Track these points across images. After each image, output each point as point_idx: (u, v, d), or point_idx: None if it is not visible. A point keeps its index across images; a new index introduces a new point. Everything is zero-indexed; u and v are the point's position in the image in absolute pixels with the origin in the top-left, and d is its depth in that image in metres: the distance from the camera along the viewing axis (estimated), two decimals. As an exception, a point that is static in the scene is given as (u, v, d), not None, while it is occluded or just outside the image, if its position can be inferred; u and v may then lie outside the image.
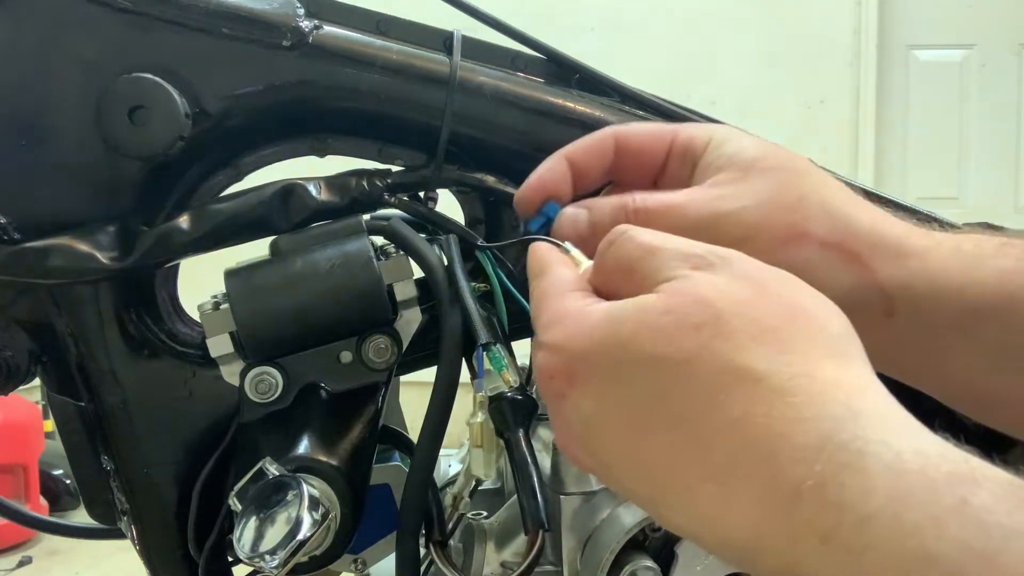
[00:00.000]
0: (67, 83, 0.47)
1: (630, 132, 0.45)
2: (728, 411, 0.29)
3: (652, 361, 0.31)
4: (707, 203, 0.42)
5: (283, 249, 0.49)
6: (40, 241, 0.46)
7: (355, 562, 0.62)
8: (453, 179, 0.51)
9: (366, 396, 0.50)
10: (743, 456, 0.29)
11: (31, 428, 2.93)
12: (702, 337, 0.30)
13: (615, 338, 0.32)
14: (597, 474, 0.36)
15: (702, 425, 0.30)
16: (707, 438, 0.30)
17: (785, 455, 0.28)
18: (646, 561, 0.52)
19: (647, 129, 0.45)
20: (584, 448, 0.34)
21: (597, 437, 0.33)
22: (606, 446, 0.33)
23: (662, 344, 0.31)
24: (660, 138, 0.45)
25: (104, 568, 2.68)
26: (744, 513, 0.29)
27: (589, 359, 0.33)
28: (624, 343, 0.32)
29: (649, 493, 0.32)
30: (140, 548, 0.54)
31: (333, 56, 0.48)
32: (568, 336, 0.34)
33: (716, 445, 0.29)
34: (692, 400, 0.30)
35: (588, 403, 0.33)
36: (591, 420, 0.33)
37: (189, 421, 0.51)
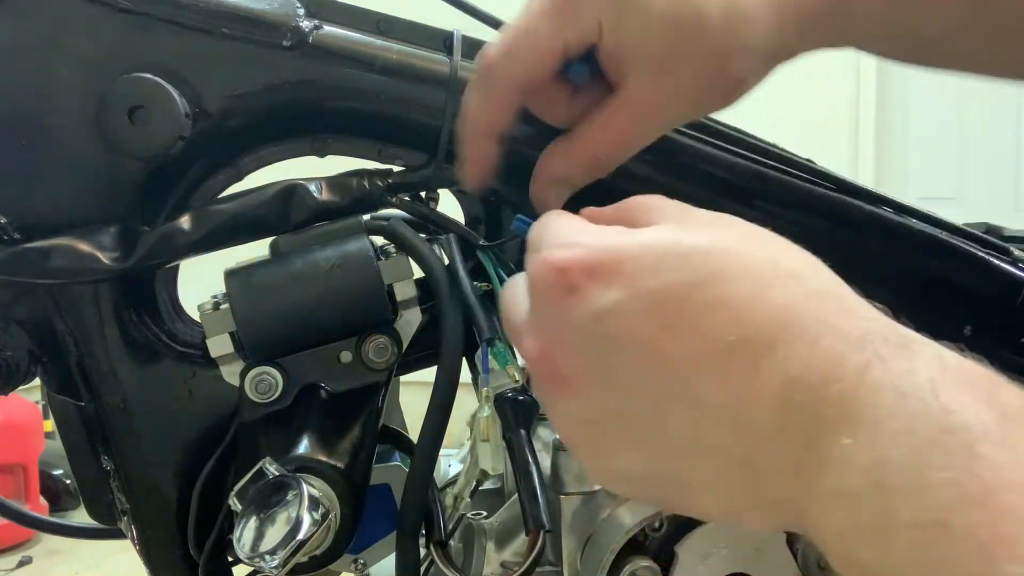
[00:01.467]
0: (67, 83, 0.47)
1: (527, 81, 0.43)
2: (771, 299, 0.29)
3: (699, 253, 0.30)
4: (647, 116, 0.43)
5: (283, 249, 0.49)
6: (41, 241, 0.46)
7: (355, 562, 0.62)
8: (453, 179, 0.51)
9: (366, 396, 0.50)
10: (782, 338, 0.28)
11: (31, 428, 2.93)
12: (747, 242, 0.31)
13: (659, 237, 0.31)
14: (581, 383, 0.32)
15: (742, 311, 0.29)
16: (744, 323, 0.29)
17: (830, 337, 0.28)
18: (646, 561, 0.52)
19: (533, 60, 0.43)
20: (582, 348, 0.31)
21: (608, 331, 0.30)
22: (619, 340, 0.30)
23: (710, 241, 0.31)
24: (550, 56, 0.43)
25: (104, 568, 2.68)
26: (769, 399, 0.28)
27: (626, 251, 0.31)
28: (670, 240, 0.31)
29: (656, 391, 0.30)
30: (140, 548, 0.54)
31: (333, 56, 0.48)
32: (596, 235, 0.32)
33: (752, 329, 0.29)
34: (734, 287, 0.29)
35: (610, 294, 0.30)
36: (606, 313, 0.30)
37: (189, 421, 0.51)
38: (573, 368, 0.32)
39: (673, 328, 0.30)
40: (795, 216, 0.52)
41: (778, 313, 0.29)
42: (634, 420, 0.31)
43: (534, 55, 0.42)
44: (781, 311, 0.29)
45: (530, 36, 0.42)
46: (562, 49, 0.42)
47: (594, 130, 0.43)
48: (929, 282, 0.54)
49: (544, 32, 0.41)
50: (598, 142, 0.43)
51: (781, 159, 0.52)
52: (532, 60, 0.42)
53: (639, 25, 0.40)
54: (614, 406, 0.31)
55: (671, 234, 0.31)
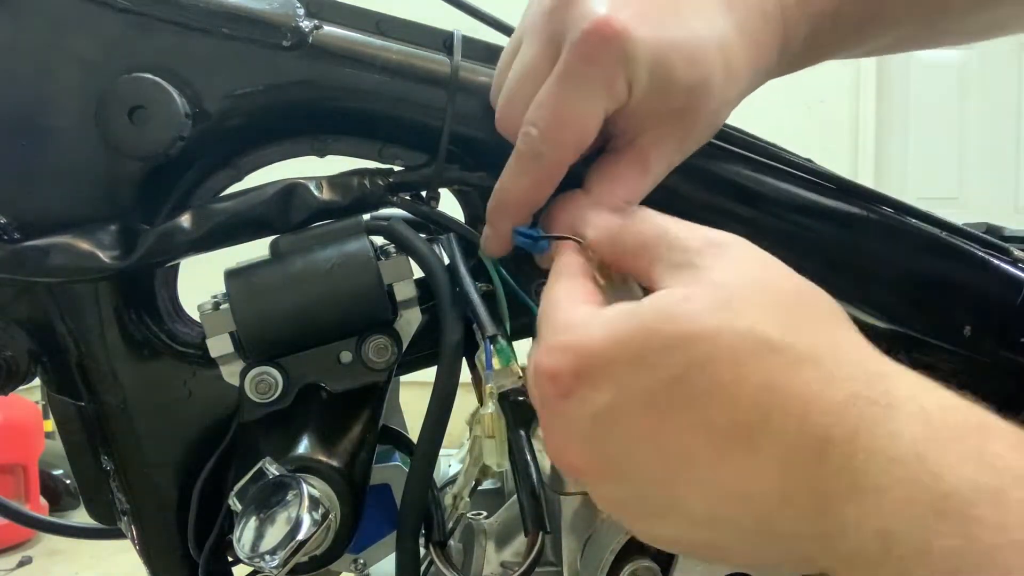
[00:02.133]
0: (67, 83, 0.47)
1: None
2: (752, 380, 0.31)
3: (674, 342, 0.32)
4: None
5: (283, 249, 0.49)
6: (41, 240, 0.46)
7: (355, 562, 0.62)
8: (454, 179, 0.51)
9: (366, 396, 0.50)
10: (768, 419, 0.30)
11: (31, 428, 2.93)
12: (722, 315, 0.32)
13: (636, 329, 0.33)
14: (600, 474, 0.35)
15: (727, 396, 0.31)
16: (732, 407, 0.31)
17: (815, 412, 0.30)
18: (646, 561, 0.52)
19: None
20: (588, 446, 0.34)
21: (611, 428, 0.33)
22: (622, 435, 0.33)
23: (684, 325, 0.32)
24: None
25: (104, 568, 2.68)
26: (770, 475, 0.30)
27: (606, 353, 0.33)
28: (646, 331, 0.32)
29: (666, 482, 0.33)
30: (140, 548, 0.54)
31: (333, 56, 0.48)
32: (580, 336, 0.34)
33: (741, 412, 0.31)
34: (715, 375, 0.31)
35: (601, 395, 0.33)
36: (605, 412, 0.33)
37: (189, 421, 0.51)
38: (586, 462, 0.35)
39: (666, 422, 0.32)
40: (795, 217, 0.52)
41: (761, 396, 0.31)
42: (653, 501, 0.34)
43: (583, 134, 0.42)
44: (764, 393, 0.31)
45: (577, 114, 0.41)
46: (603, 119, 0.42)
47: (611, 185, 0.44)
48: (929, 282, 0.54)
49: (592, 112, 0.41)
50: (614, 195, 0.43)
51: (781, 159, 0.52)
52: (581, 140, 0.42)
53: (662, 88, 0.41)
54: (632, 491, 0.34)
55: (655, 320, 0.33)
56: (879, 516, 0.28)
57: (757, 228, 0.52)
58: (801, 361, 0.31)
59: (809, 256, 0.53)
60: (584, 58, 0.40)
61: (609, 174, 0.44)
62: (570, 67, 0.40)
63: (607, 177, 0.44)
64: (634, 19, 0.40)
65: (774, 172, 0.52)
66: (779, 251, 0.52)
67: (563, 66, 0.41)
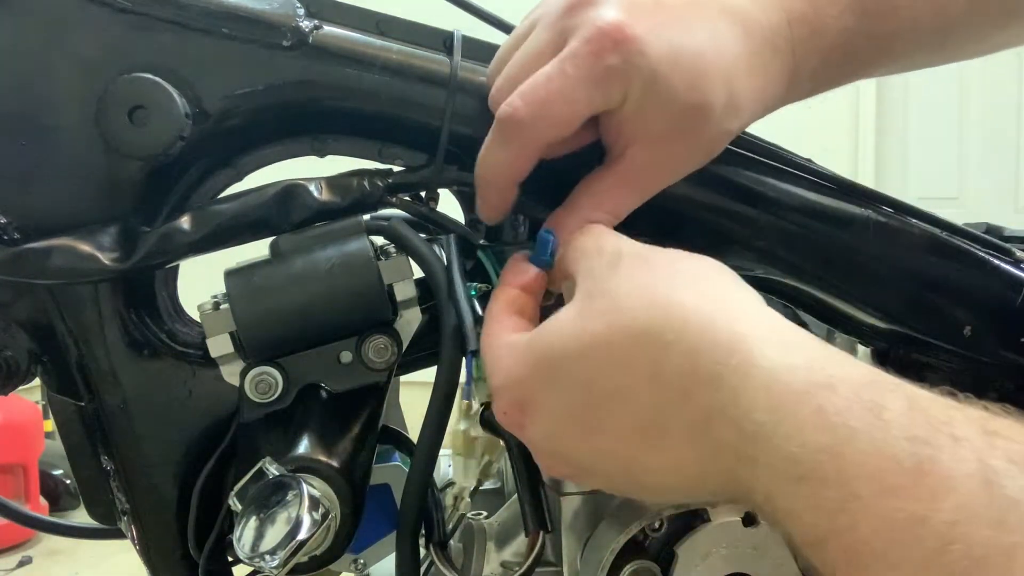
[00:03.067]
0: (67, 83, 0.47)
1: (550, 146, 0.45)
2: (641, 370, 0.34)
3: (574, 357, 0.36)
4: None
5: (283, 249, 0.49)
6: (42, 242, 0.46)
7: (355, 562, 0.62)
8: (453, 179, 0.51)
9: (366, 396, 0.50)
10: (663, 403, 0.34)
11: (31, 428, 2.93)
12: (605, 319, 0.35)
13: (540, 357, 0.37)
14: (582, 480, 0.42)
15: (627, 391, 0.34)
16: (635, 400, 0.34)
17: (692, 392, 0.33)
18: (646, 561, 0.52)
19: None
20: (560, 460, 0.39)
21: (563, 446, 0.38)
22: (574, 450, 0.37)
23: (575, 340, 0.36)
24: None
25: (104, 568, 2.68)
26: (684, 454, 0.34)
27: (528, 385, 0.37)
28: (548, 357, 0.37)
29: (624, 473, 0.37)
30: (140, 548, 0.54)
31: (333, 56, 0.48)
32: (506, 375, 0.38)
33: (642, 402, 0.34)
34: (612, 373, 0.35)
35: (543, 422, 0.38)
36: (551, 435, 0.38)
37: (189, 421, 0.51)
38: (562, 471, 0.41)
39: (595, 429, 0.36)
40: (795, 217, 0.52)
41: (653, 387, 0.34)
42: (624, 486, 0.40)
43: (566, 122, 0.43)
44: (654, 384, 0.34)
45: (565, 102, 0.42)
46: (589, 114, 0.43)
47: (592, 199, 0.45)
48: (929, 282, 0.54)
49: (581, 100, 0.42)
50: (596, 209, 0.45)
51: (781, 159, 0.52)
52: (564, 126, 0.43)
53: (658, 105, 0.42)
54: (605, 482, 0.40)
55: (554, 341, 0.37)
56: (759, 482, 0.31)
57: (757, 228, 0.52)
58: (674, 344, 0.33)
59: (809, 256, 0.53)
60: (588, 52, 0.41)
61: (597, 188, 0.45)
62: (573, 54, 0.41)
63: (595, 191, 0.45)
64: (647, 31, 0.41)
65: (774, 172, 0.52)
66: (779, 251, 0.53)
67: (567, 52, 0.42)
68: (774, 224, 0.52)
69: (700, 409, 0.33)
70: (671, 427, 0.34)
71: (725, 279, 0.37)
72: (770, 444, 0.30)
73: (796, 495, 0.29)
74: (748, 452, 0.31)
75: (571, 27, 0.42)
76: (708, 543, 0.52)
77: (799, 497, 0.29)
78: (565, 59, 0.42)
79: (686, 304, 0.34)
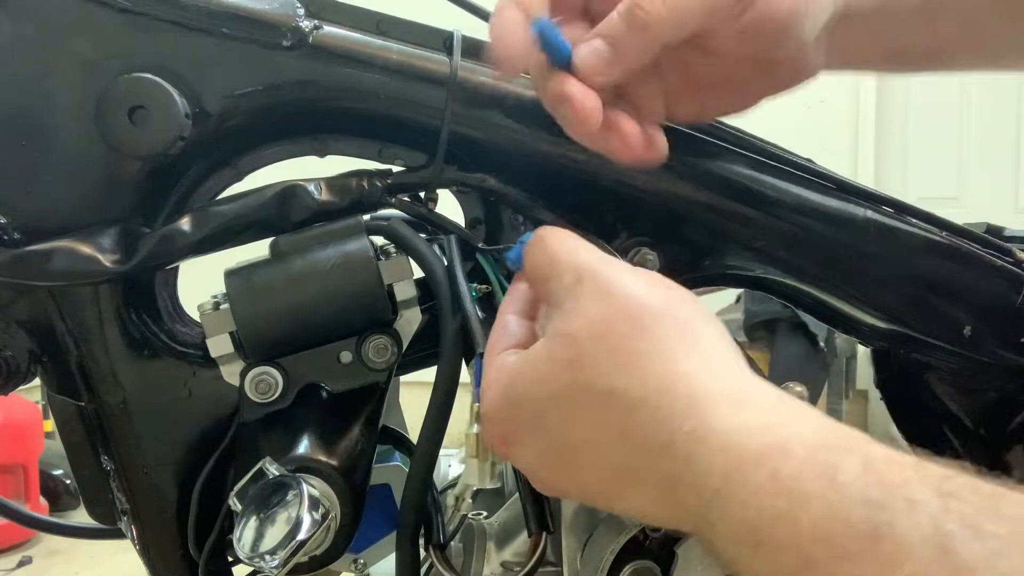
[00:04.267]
0: (67, 83, 0.47)
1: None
2: (610, 426, 0.34)
3: (545, 404, 0.36)
4: None
5: (283, 249, 0.49)
6: (42, 244, 0.46)
7: (355, 562, 0.62)
8: (453, 179, 0.51)
9: (366, 396, 0.50)
10: (632, 458, 0.34)
11: (31, 428, 2.93)
12: (572, 372, 0.35)
13: (518, 397, 0.38)
14: (563, 494, 0.42)
15: (599, 442, 0.35)
16: (606, 451, 0.35)
17: (654, 453, 0.33)
18: (646, 561, 0.52)
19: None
20: (546, 483, 0.40)
21: (545, 475, 0.39)
22: (554, 480, 0.39)
23: (547, 387, 0.36)
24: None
25: (104, 568, 2.68)
26: (653, 501, 0.34)
27: (509, 421, 0.38)
28: (524, 398, 0.37)
29: (604, 503, 0.38)
30: (140, 548, 0.54)
31: (333, 56, 0.48)
32: (491, 406, 0.39)
33: (614, 454, 0.35)
34: (584, 424, 0.35)
35: (524, 456, 0.39)
36: (533, 465, 0.39)
37: (189, 421, 0.51)
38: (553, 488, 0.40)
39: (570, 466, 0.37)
40: (795, 217, 0.52)
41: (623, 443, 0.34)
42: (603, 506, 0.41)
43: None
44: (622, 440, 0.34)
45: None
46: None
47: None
48: (929, 282, 0.54)
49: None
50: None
51: (781, 159, 0.52)
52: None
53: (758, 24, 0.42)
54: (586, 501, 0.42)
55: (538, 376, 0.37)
56: (720, 543, 0.31)
57: (757, 228, 0.52)
58: (637, 404, 0.34)
59: (809, 256, 0.53)
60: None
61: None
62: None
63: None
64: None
65: (774, 172, 0.52)
66: (779, 251, 0.53)
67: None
68: (774, 224, 0.52)
69: (664, 472, 0.33)
70: (642, 481, 0.34)
71: (685, 319, 0.36)
72: (726, 510, 0.30)
73: (753, 559, 0.29)
74: (707, 517, 0.31)
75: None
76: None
77: (756, 562, 0.29)
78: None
79: (645, 361, 0.34)
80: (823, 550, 0.27)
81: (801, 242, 0.52)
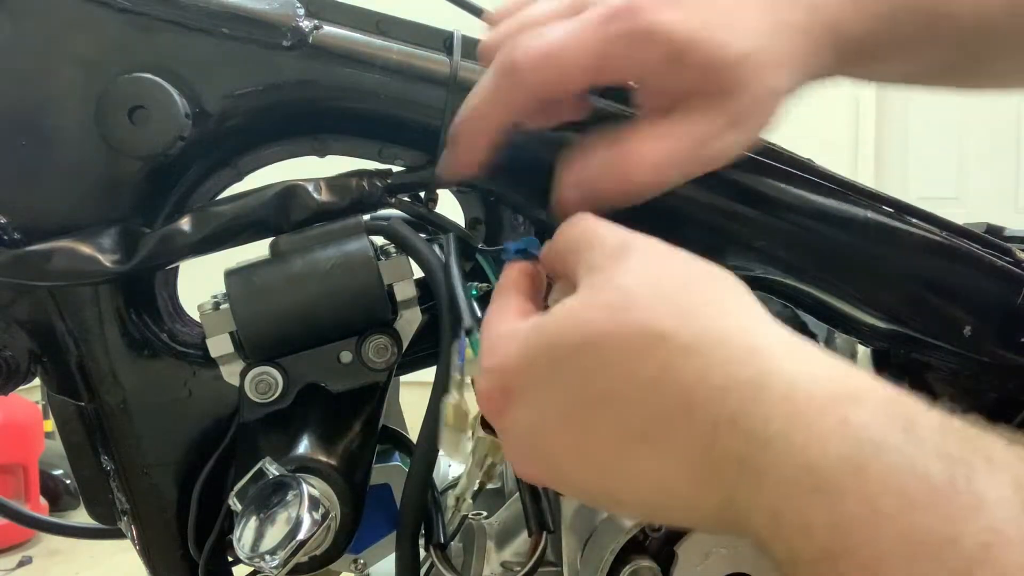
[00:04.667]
0: (67, 83, 0.47)
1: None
2: (645, 373, 0.32)
3: (574, 350, 0.33)
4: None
5: (283, 249, 0.49)
6: (42, 244, 0.46)
7: (355, 562, 0.62)
8: (453, 180, 0.51)
9: (366, 396, 0.50)
10: (665, 411, 0.31)
11: (31, 428, 2.93)
12: (613, 313, 0.33)
13: (542, 343, 0.34)
14: (552, 482, 0.38)
15: (627, 394, 0.32)
16: (633, 405, 0.32)
17: (699, 401, 0.31)
18: (646, 561, 0.52)
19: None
20: (533, 458, 0.36)
21: (543, 442, 0.35)
22: (553, 448, 0.35)
23: (580, 331, 0.33)
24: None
25: (104, 568, 2.68)
26: (678, 467, 0.31)
27: (521, 371, 0.35)
28: (550, 344, 0.34)
29: (602, 483, 0.34)
30: (140, 548, 0.54)
31: (333, 56, 0.48)
32: (500, 357, 0.36)
33: (641, 408, 0.32)
34: (613, 373, 0.32)
35: (527, 411, 0.35)
36: (533, 427, 0.35)
37: (189, 421, 0.51)
38: (533, 471, 0.37)
39: (585, 431, 0.33)
40: (795, 217, 0.52)
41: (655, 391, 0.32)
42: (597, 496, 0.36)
43: (570, 76, 0.40)
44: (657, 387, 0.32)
45: (568, 56, 0.40)
46: (595, 79, 0.41)
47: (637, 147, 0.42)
48: (929, 282, 0.54)
49: (587, 55, 0.40)
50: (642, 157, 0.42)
51: (781, 158, 0.52)
52: (566, 80, 0.41)
53: (694, 68, 0.40)
54: (577, 490, 0.37)
55: (557, 331, 0.34)
56: (765, 497, 0.29)
57: (758, 228, 0.52)
58: (687, 349, 0.31)
59: (809, 256, 0.53)
60: (603, 17, 0.39)
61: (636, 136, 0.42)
62: (589, 17, 0.40)
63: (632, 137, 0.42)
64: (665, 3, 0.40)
65: (774, 172, 0.52)
66: (779, 251, 0.53)
67: (584, 15, 0.40)
68: (774, 224, 0.52)
69: (706, 420, 0.30)
70: (667, 438, 0.31)
71: (740, 289, 0.35)
72: (785, 453, 0.28)
73: (809, 507, 0.28)
74: (757, 463, 0.29)
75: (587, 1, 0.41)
76: (708, 543, 0.52)
77: (812, 509, 0.27)
78: (582, 19, 0.40)
79: (703, 307, 0.32)
80: (892, 499, 0.26)
81: (801, 242, 0.52)
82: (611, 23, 0.39)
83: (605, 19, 0.40)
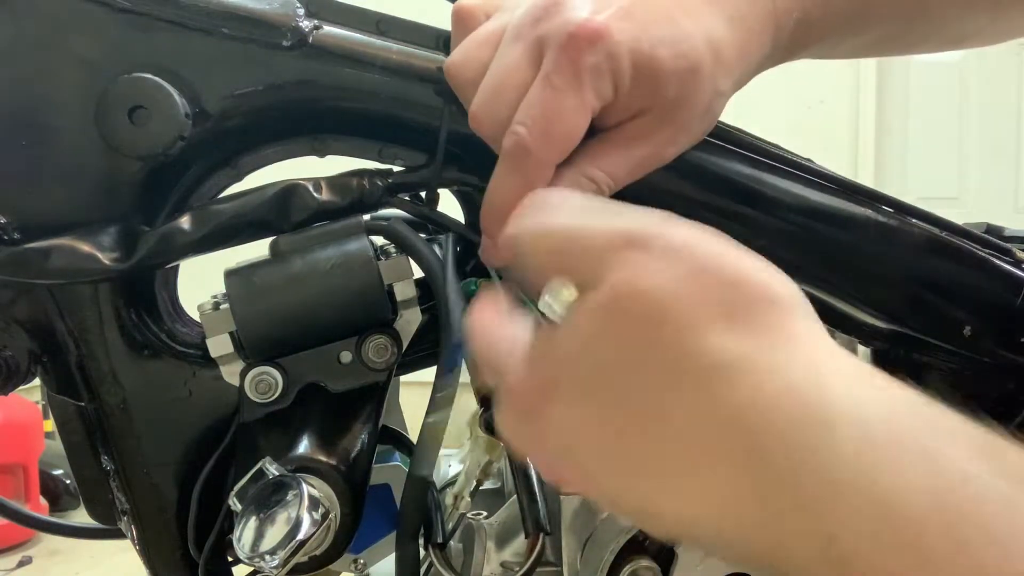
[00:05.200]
0: (67, 83, 0.47)
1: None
2: (690, 395, 0.29)
3: (609, 362, 0.31)
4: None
5: (283, 249, 0.49)
6: (42, 242, 0.46)
7: (355, 562, 0.62)
8: (453, 179, 0.51)
9: (366, 396, 0.50)
10: (714, 435, 0.29)
11: (31, 428, 2.93)
12: (649, 330, 0.30)
13: (577, 346, 0.32)
14: (585, 488, 0.35)
15: (668, 414, 0.30)
16: (676, 425, 0.30)
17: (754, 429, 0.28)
18: (646, 561, 0.52)
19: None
20: (568, 461, 0.34)
21: (581, 444, 0.33)
22: (590, 452, 0.32)
23: (614, 343, 0.31)
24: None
25: (104, 568, 2.68)
26: (724, 492, 0.29)
27: (561, 368, 0.32)
28: (585, 349, 0.31)
29: (638, 495, 0.32)
30: (140, 548, 0.54)
31: (333, 56, 0.48)
32: (531, 355, 0.33)
33: (687, 430, 0.29)
34: (654, 391, 0.30)
35: (568, 412, 0.32)
36: (574, 428, 0.32)
37: (189, 421, 0.51)
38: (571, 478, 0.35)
39: (622, 429, 0.31)
40: (795, 217, 0.52)
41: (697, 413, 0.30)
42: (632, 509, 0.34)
43: (572, 132, 0.42)
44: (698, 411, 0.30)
45: (566, 116, 0.42)
46: (589, 118, 0.43)
47: (589, 158, 0.44)
48: (929, 282, 0.54)
49: (578, 109, 0.42)
50: (592, 166, 0.44)
51: (781, 159, 0.52)
52: (570, 137, 0.43)
53: (649, 81, 0.42)
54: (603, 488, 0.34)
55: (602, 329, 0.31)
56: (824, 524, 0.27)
57: (757, 228, 0.52)
58: (735, 373, 0.29)
59: (809, 256, 0.53)
60: (569, 60, 0.41)
61: (595, 150, 0.44)
62: (557, 67, 0.41)
63: (594, 152, 0.44)
64: (616, 19, 0.41)
65: (774, 172, 0.52)
66: (779, 251, 0.53)
67: (550, 66, 0.42)
68: (774, 224, 0.52)
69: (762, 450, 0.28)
70: (714, 466, 0.29)
71: (790, 295, 0.34)
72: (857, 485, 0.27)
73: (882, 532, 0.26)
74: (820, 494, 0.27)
75: (544, 37, 0.42)
76: (708, 543, 0.52)
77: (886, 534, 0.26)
78: (550, 73, 0.41)
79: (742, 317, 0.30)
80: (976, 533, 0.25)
81: (801, 242, 0.52)
82: (583, 54, 0.41)
83: (573, 52, 0.41)
